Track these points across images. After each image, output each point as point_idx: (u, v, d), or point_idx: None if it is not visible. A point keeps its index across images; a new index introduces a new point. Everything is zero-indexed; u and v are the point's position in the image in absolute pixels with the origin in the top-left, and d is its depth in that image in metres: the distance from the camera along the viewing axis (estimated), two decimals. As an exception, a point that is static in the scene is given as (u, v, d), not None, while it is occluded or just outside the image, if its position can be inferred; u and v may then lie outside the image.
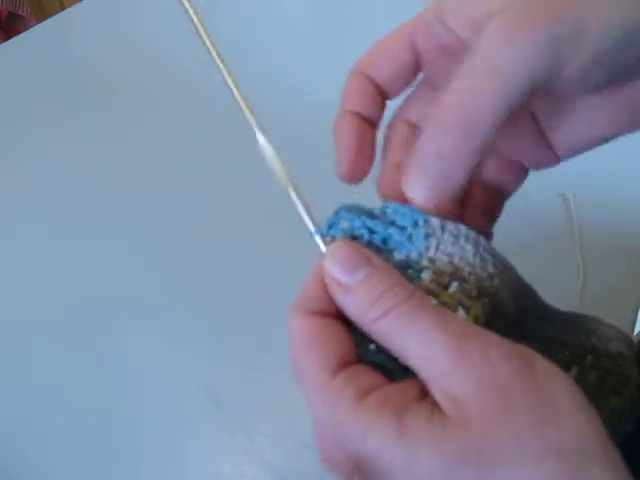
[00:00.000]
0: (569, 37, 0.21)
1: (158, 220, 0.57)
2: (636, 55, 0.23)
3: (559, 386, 0.20)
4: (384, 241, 0.23)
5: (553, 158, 0.27)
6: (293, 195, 0.25)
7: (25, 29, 0.78)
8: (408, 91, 0.28)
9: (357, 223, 0.24)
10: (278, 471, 0.43)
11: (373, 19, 0.76)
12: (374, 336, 0.21)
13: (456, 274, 0.23)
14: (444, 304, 0.22)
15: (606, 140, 0.26)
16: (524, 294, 0.26)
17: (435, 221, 0.23)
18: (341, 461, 0.21)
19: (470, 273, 0.23)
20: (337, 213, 0.24)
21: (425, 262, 0.23)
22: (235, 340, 0.49)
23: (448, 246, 0.23)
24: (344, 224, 0.24)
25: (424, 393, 0.20)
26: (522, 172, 0.28)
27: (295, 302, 0.23)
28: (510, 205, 0.52)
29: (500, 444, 0.19)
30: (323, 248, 0.24)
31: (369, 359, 0.22)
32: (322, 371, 0.21)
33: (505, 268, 0.24)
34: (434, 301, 0.22)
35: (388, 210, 0.24)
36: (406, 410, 0.19)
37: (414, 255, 0.23)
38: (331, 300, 0.23)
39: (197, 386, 0.47)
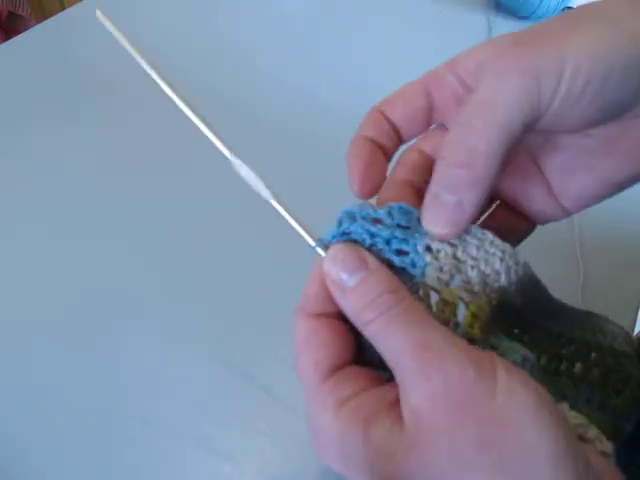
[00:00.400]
0: (551, 71, 0.23)
1: (158, 220, 0.57)
2: (626, 93, 0.23)
3: (517, 402, 0.20)
4: (387, 242, 0.24)
5: (561, 212, 0.28)
6: (283, 212, 0.25)
7: (25, 29, 0.78)
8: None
9: (359, 230, 0.24)
10: (278, 471, 0.43)
11: (373, 18, 0.76)
12: (367, 338, 0.23)
13: (458, 268, 0.23)
14: (444, 300, 0.23)
15: (620, 187, 0.27)
16: (532, 286, 0.26)
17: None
18: (331, 456, 0.22)
19: (472, 267, 0.23)
20: (339, 223, 0.25)
21: (428, 259, 0.23)
22: (235, 340, 0.49)
23: (452, 241, 0.24)
24: (345, 232, 0.24)
25: (394, 404, 0.22)
26: (530, 225, 0.29)
27: (297, 304, 0.25)
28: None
29: (442, 460, 0.20)
30: (323, 254, 0.25)
31: (372, 357, 0.23)
32: (315, 374, 0.23)
33: (515, 263, 0.24)
34: (433, 298, 0.23)
35: (392, 210, 0.24)
36: (373, 420, 0.21)
37: (418, 252, 0.23)
38: (331, 300, 0.24)
39: (197, 386, 0.47)
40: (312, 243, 0.25)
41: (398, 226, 0.24)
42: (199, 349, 0.48)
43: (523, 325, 0.26)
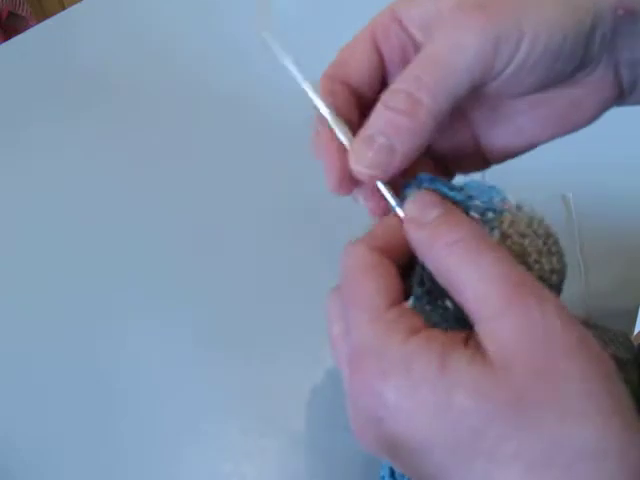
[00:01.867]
0: (510, 37, 0.23)
1: (159, 218, 0.57)
2: (571, 62, 0.24)
3: (612, 367, 0.19)
4: (462, 202, 0.24)
5: (482, 163, 0.29)
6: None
7: (25, 29, 0.78)
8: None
9: (438, 185, 0.24)
10: (278, 471, 0.43)
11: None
12: (437, 270, 0.22)
13: (523, 258, 0.23)
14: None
15: (534, 146, 0.28)
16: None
17: (512, 199, 0.24)
18: (373, 395, 0.20)
19: (536, 261, 0.23)
20: (419, 179, 0.25)
21: (497, 223, 0.23)
22: (235, 340, 0.49)
23: (522, 226, 0.24)
24: (425, 186, 0.24)
25: (467, 340, 0.20)
26: (449, 176, 0.29)
27: (360, 238, 0.24)
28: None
29: (539, 396, 0.18)
30: (390, 198, 0.24)
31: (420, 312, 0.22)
32: (379, 300, 0.22)
33: (564, 267, 0.24)
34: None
35: (467, 186, 0.24)
36: (451, 350, 0.19)
37: (490, 213, 0.23)
38: (395, 248, 0.23)
39: (197, 386, 0.46)
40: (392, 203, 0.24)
41: (473, 197, 0.24)
42: (199, 349, 0.48)
43: None
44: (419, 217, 0.23)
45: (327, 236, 0.54)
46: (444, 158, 0.29)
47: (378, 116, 0.24)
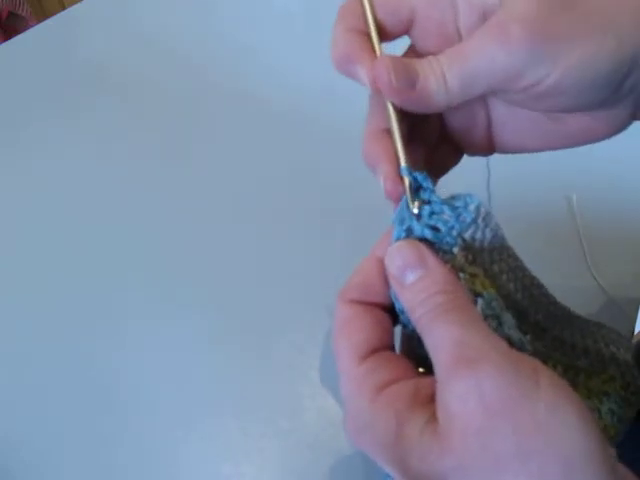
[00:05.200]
0: (539, 67, 0.24)
1: (159, 218, 0.57)
2: (595, 100, 0.25)
3: (562, 414, 0.19)
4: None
5: (488, 149, 0.30)
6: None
7: (25, 29, 0.78)
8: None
9: (423, 184, 0.26)
10: (278, 471, 0.43)
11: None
12: (418, 330, 0.23)
13: (471, 250, 0.25)
14: (472, 275, 0.24)
15: (538, 151, 0.29)
16: (534, 287, 0.26)
17: (483, 210, 0.26)
18: (364, 440, 0.23)
19: (508, 280, 0.26)
20: (413, 176, 0.26)
21: (459, 241, 0.25)
22: (235, 341, 0.49)
23: (480, 231, 0.25)
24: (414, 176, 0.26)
25: (431, 399, 0.22)
26: (458, 157, 0.31)
27: (341, 290, 0.26)
28: (515, 207, 0.53)
29: (478, 467, 0.19)
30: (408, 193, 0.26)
31: (415, 349, 0.25)
32: (352, 356, 0.24)
33: (509, 256, 0.26)
34: (462, 274, 0.24)
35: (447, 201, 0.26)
36: (408, 415, 0.21)
37: (453, 233, 0.25)
38: (373, 291, 0.25)
39: (197, 386, 0.46)
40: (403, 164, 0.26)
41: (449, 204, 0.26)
42: (199, 349, 0.48)
43: (533, 331, 0.26)
44: (399, 278, 0.24)
45: (328, 235, 0.54)
46: (457, 137, 0.30)
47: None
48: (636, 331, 0.47)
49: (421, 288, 0.23)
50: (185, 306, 0.51)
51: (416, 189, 0.26)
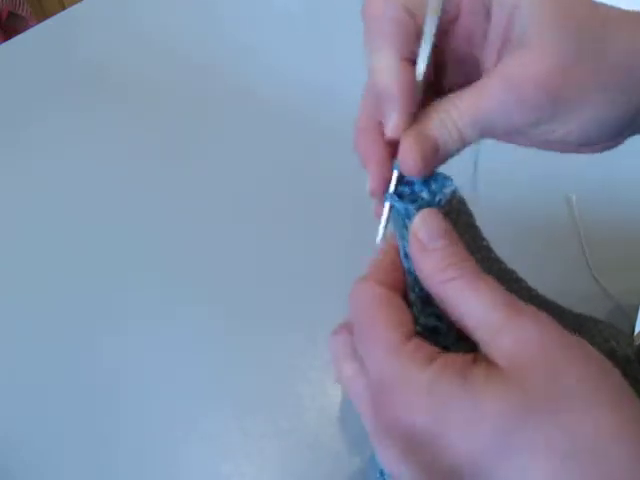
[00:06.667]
0: (559, 113, 0.25)
1: (159, 218, 0.57)
2: (605, 137, 0.27)
3: (607, 365, 0.21)
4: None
5: None
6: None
7: (25, 29, 0.78)
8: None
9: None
10: (278, 471, 0.43)
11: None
12: (438, 297, 0.24)
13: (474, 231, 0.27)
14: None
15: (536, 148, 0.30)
16: (513, 281, 0.27)
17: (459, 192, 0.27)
18: (406, 427, 0.22)
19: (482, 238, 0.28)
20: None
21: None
22: (235, 340, 0.49)
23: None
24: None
25: (476, 360, 0.22)
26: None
27: (367, 273, 0.25)
28: (514, 208, 0.53)
29: (552, 396, 0.20)
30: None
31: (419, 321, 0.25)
32: (395, 334, 0.23)
33: (482, 247, 0.28)
34: None
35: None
36: (468, 370, 0.21)
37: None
38: (397, 278, 0.25)
39: (197, 386, 0.46)
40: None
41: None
42: (199, 349, 0.48)
43: None
44: (426, 242, 0.24)
45: (328, 235, 0.54)
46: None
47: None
48: (636, 331, 0.47)
49: (450, 252, 0.24)
50: (185, 306, 0.51)
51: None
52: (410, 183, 0.27)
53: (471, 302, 0.23)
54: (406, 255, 0.25)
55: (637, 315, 0.46)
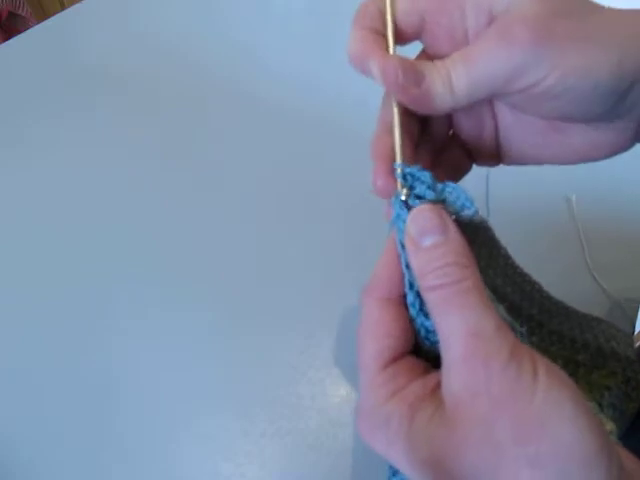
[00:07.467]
0: (538, 67, 0.25)
1: (160, 217, 0.57)
2: (596, 109, 0.26)
3: (556, 401, 0.20)
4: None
5: (496, 159, 0.31)
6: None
7: (25, 29, 0.78)
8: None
9: (420, 176, 0.26)
10: (278, 471, 0.43)
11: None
12: (424, 297, 0.24)
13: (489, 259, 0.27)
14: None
15: (543, 163, 0.30)
16: (526, 284, 0.27)
17: (479, 214, 0.26)
18: (372, 445, 0.24)
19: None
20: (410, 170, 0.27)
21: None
22: (235, 341, 0.49)
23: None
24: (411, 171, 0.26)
25: (434, 391, 0.23)
26: (470, 165, 0.32)
27: (367, 286, 0.26)
28: (515, 208, 0.53)
29: (479, 448, 0.21)
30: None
31: (423, 337, 0.25)
32: (375, 364, 0.24)
33: (499, 255, 0.27)
34: None
35: (446, 189, 0.26)
36: (418, 406, 0.22)
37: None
38: (398, 286, 0.25)
39: (197, 386, 0.46)
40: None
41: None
42: (198, 349, 0.48)
43: (529, 325, 0.26)
44: (416, 240, 0.24)
45: (329, 235, 0.54)
46: (466, 142, 0.31)
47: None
48: (636, 331, 0.47)
49: (438, 255, 0.23)
50: (185, 306, 0.51)
51: (412, 184, 0.26)
52: (420, 197, 0.26)
53: (441, 319, 0.23)
54: (405, 267, 0.25)
55: (637, 315, 0.46)
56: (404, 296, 0.25)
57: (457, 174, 0.31)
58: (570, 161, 0.29)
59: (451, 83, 0.26)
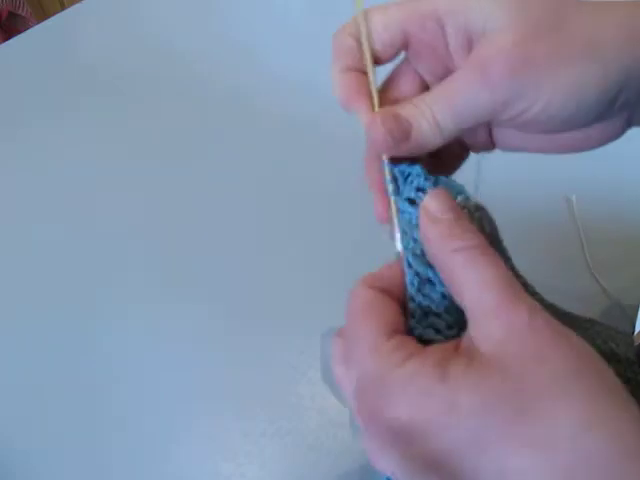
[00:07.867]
0: (522, 98, 0.25)
1: (160, 216, 0.57)
2: (584, 120, 0.26)
3: (598, 360, 0.21)
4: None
5: (490, 147, 0.31)
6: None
7: (25, 29, 0.78)
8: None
9: (414, 170, 0.27)
10: (278, 471, 0.43)
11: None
12: (441, 268, 0.24)
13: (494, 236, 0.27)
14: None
15: (538, 152, 0.30)
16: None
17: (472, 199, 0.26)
18: (382, 421, 0.22)
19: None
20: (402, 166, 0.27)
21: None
22: (235, 340, 0.49)
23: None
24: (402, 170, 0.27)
25: (458, 348, 0.22)
26: (466, 153, 0.32)
27: (363, 278, 0.26)
28: (515, 208, 0.52)
29: (538, 384, 0.20)
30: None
31: (415, 332, 0.25)
32: (377, 334, 0.23)
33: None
34: None
35: (440, 180, 0.27)
36: (446, 361, 0.21)
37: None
38: (397, 288, 0.25)
39: (197, 386, 0.46)
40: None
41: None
42: (199, 349, 0.48)
43: None
44: (436, 213, 0.24)
45: (329, 235, 0.54)
46: (461, 137, 0.31)
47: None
48: (636, 331, 0.47)
49: (459, 224, 0.24)
50: (185, 306, 0.51)
51: (406, 177, 0.27)
52: (421, 189, 0.26)
53: (470, 277, 0.22)
54: (409, 265, 0.25)
55: (637, 315, 0.46)
56: (401, 296, 0.25)
57: (454, 164, 0.32)
58: (559, 152, 0.29)
59: (437, 122, 0.26)
